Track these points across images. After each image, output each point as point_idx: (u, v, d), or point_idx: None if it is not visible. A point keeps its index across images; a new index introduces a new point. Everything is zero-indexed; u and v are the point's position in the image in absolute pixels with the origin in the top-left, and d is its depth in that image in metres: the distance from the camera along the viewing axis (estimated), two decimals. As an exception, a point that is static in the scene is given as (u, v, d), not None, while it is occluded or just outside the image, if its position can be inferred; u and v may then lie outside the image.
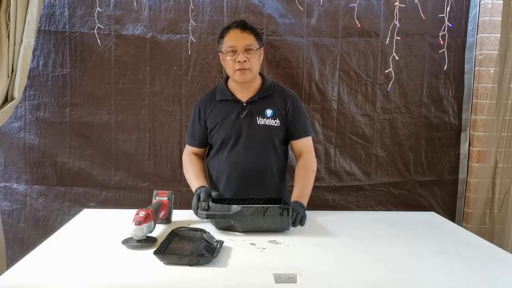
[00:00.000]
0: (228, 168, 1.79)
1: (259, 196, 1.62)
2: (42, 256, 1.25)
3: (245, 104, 1.77)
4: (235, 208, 1.45)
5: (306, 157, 1.82)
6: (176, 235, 1.39)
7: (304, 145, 1.83)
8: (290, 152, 1.94)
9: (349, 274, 1.16)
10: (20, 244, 2.38)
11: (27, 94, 2.33)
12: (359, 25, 2.03)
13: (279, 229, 1.48)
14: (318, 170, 1.90)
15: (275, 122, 1.77)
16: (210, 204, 1.49)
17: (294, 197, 1.72)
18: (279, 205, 1.51)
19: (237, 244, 1.37)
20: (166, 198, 1.57)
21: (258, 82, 1.82)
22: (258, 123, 1.76)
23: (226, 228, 1.49)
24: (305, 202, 1.71)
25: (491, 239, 2.08)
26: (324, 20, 2.39)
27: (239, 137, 1.76)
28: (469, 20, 2.41)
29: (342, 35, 2.39)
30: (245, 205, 1.49)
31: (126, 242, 1.33)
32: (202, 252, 1.26)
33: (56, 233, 1.47)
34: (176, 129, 2.41)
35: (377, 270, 1.19)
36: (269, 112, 1.77)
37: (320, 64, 2.41)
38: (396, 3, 1.83)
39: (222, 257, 1.25)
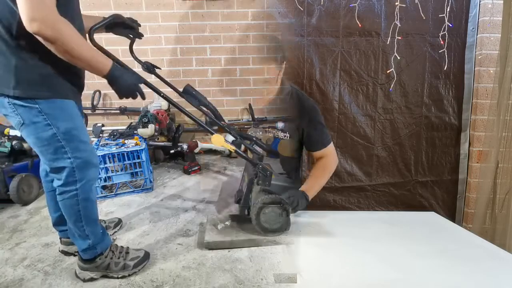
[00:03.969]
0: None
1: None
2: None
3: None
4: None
5: (326, 159, 1.77)
6: None
7: (323, 153, 1.78)
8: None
9: (350, 273, 1.16)
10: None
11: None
12: (359, 25, 2.03)
13: (279, 230, 1.48)
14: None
15: (285, 136, 1.76)
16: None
17: (302, 188, 1.70)
18: (278, 205, 1.50)
19: (237, 244, 1.37)
20: None
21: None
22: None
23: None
24: (310, 194, 1.65)
25: (492, 239, 2.08)
26: (324, 20, 2.38)
27: None
28: (469, 20, 2.40)
29: (343, 34, 2.39)
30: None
31: None
32: None
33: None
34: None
35: (378, 269, 1.19)
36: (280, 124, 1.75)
37: (320, 63, 2.41)
38: (396, 3, 1.84)
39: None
